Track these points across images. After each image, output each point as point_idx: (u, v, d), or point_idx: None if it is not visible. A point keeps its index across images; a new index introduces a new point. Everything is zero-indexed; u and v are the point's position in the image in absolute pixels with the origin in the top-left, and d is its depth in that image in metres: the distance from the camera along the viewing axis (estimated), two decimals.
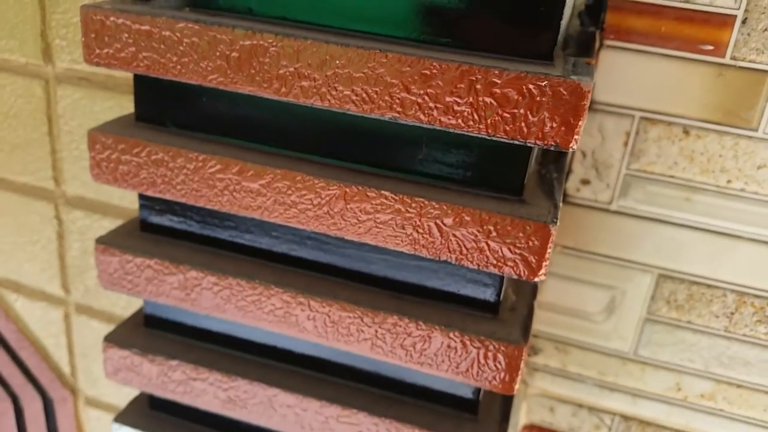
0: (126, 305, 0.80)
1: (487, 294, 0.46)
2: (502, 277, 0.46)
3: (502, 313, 0.47)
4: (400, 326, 0.46)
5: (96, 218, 0.77)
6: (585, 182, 0.64)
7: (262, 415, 0.52)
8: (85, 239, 0.78)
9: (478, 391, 0.50)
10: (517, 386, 0.46)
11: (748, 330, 0.65)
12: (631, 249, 0.65)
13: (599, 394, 0.71)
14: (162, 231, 0.52)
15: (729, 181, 0.61)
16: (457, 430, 0.49)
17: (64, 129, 0.74)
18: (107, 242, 0.51)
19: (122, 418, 0.58)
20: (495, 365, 0.45)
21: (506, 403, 0.53)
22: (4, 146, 0.77)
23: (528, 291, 0.51)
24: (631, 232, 0.65)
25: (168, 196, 0.47)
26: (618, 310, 0.68)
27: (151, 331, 0.55)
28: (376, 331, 0.47)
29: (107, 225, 0.76)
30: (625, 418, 0.72)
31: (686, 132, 0.60)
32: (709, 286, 0.65)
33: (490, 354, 0.45)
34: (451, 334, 0.45)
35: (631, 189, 0.63)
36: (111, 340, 0.54)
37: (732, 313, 0.65)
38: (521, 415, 0.75)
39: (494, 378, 0.45)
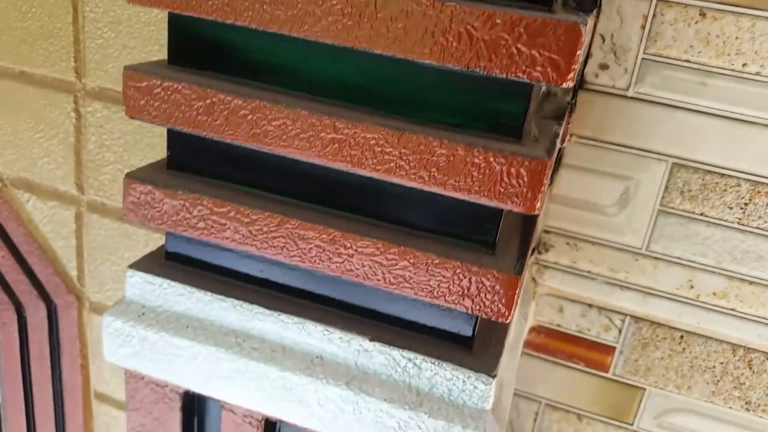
0: None
1: (510, 120, 0.47)
2: (527, 101, 0.46)
3: (524, 140, 0.47)
4: (423, 146, 0.46)
5: (115, 110, 0.77)
6: (603, 67, 0.65)
7: (282, 249, 0.52)
8: (102, 132, 0.79)
9: (496, 229, 0.50)
10: (539, 205, 0.46)
11: (762, 222, 0.65)
12: (647, 137, 0.66)
13: (609, 293, 0.72)
14: (190, 63, 0.53)
15: (745, 65, 0.62)
16: (475, 260, 0.49)
17: (90, 17, 0.75)
18: (136, 68, 0.51)
19: (136, 265, 0.58)
20: (518, 182, 0.45)
21: (524, 241, 0.53)
22: (27, 37, 0.78)
23: (551, 130, 0.52)
24: (647, 120, 0.66)
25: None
26: (632, 202, 0.68)
27: (174, 172, 0.56)
28: (400, 152, 0.47)
29: (125, 116, 0.77)
30: (636, 318, 0.72)
31: (702, 14, 0.62)
32: (722, 175, 0.65)
33: (513, 170, 0.45)
34: (475, 152, 0.46)
35: (648, 74, 0.64)
36: (133, 176, 0.54)
37: (746, 204, 0.65)
38: (529, 317, 0.75)
39: (517, 195, 0.46)
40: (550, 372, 0.76)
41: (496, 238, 0.50)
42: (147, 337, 0.57)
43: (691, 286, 0.69)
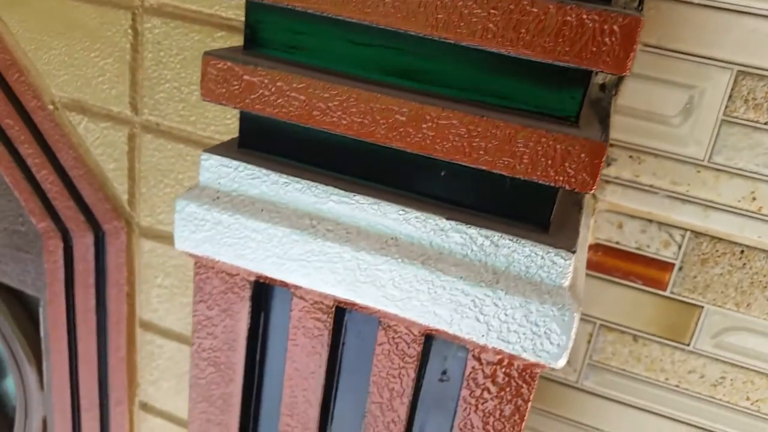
0: (196, 119, 0.80)
1: None
2: None
3: (612, 5, 0.47)
4: (513, 5, 0.46)
5: (174, 26, 0.78)
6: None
7: (361, 124, 0.52)
8: (160, 49, 0.79)
9: (581, 97, 0.49)
10: (629, 65, 0.46)
11: None
12: (713, 44, 0.66)
13: (671, 207, 0.71)
14: None
15: None
16: (557, 128, 0.49)
17: None
18: None
19: (211, 150, 0.58)
20: (610, 39, 0.45)
21: (604, 120, 0.53)
22: None
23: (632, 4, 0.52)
24: (712, 26, 0.65)
25: None
26: (695, 112, 0.68)
27: (252, 51, 0.56)
28: (488, 13, 0.47)
29: (184, 31, 0.77)
30: (696, 234, 0.71)
31: None
32: None
33: (606, 27, 0.45)
34: (567, 9, 0.46)
35: None
36: (212, 53, 0.54)
37: None
38: (588, 234, 0.75)
39: (608, 54, 0.46)
40: (606, 291, 0.76)
41: (580, 112, 0.50)
42: (222, 220, 0.57)
43: (754, 198, 0.69)
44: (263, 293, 0.61)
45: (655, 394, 0.78)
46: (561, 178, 0.49)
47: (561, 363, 0.54)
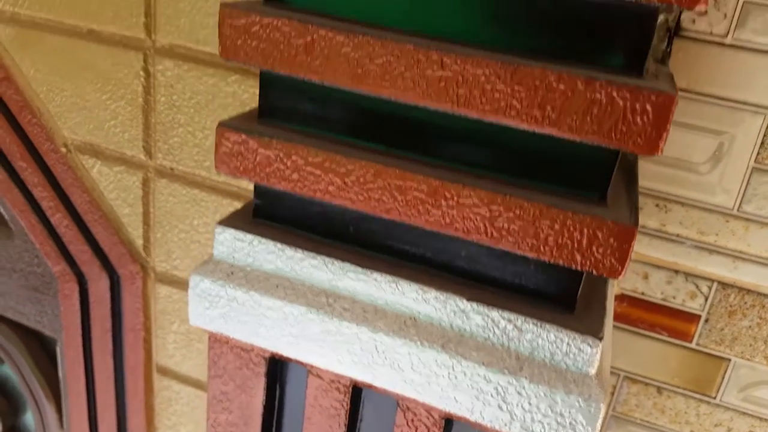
0: (211, 164, 0.79)
1: (633, 52, 0.44)
2: (651, 30, 0.44)
3: (646, 76, 0.45)
4: (539, 81, 0.44)
5: (187, 68, 0.76)
6: (701, 12, 0.62)
7: (378, 201, 0.50)
8: (173, 92, 0.77)
9: (608, 176, 0.47)
10: (662, 146, 0.43)
11: None
12: (745, 88, 0.63)
13: (697, 257, 0.69)
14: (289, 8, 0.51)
15: None
16: (586, 210, 0.46)
17: None
18: (233, 6, 0.50)
19: (225, 222, 0.56)
20: (642, 119, 0.43)
21: (631, 194, 0.50)
22: None
23: (665, 70, 0.49)
24: (745, 69, 0.62)
25: None
26: (725, 159, 0.65)
27: (266, 120, 0.54)
28: (512, 90, 0.45)
29: (197, 74, 0.75)
30: (723, 285, 0.69)
31: None
32: None
33: (638, 106, 0.43)
34: (597, 86, 0.43)
35: (749, 18, 0.61)
36: (226, 125, 0.53)
37: None
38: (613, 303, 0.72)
39: (640, 135, 0.43)
40: (631, 343, 0.74)
41: (608, 188, 0.48)
42: (236, 297, 0.55)
43: None
44: (279, 369, 0.59)
45: None
46: (588, 263, 0.47)
47: None
